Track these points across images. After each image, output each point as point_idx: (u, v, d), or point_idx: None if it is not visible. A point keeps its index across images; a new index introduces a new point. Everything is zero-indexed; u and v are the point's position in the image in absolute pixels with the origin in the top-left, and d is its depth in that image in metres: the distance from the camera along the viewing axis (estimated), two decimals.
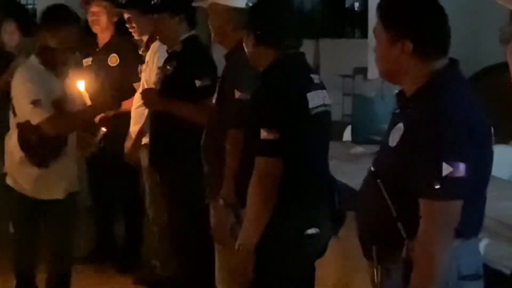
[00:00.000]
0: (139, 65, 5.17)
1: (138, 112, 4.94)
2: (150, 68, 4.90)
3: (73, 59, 4.33)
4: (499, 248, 2.86)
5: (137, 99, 4.96)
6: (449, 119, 2.30)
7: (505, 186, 3.59)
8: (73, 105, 4.15)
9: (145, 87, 4.95)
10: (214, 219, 3.68)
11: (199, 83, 4.18)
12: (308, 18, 14.62)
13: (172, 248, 4.57)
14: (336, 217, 3.28)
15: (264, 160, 3.01)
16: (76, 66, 4.86)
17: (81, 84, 4.13)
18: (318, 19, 14.81)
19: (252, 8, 3.41)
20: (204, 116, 3.96)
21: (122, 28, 5.28)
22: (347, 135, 5.56)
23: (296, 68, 3.22)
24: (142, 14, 5.02)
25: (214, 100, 3.75)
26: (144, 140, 4.89)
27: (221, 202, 3.49)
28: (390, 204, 2.41)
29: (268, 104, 3.06)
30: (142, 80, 5.03)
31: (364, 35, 12.69)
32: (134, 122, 5.01)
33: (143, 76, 5.04)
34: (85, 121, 4.27)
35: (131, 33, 5.17)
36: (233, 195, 3.37)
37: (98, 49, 5.46)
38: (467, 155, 2.27)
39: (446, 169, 2.24)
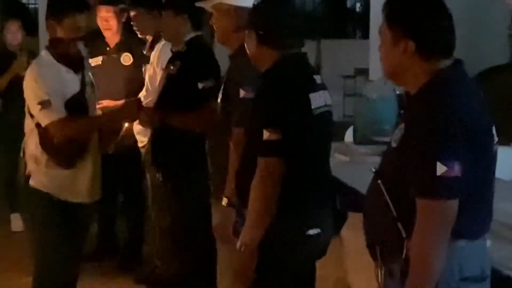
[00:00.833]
0: (143, 64, 5.19)
1: None
2: (154, 68, 4.91)
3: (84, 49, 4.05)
4: (501, 249, 2.87)
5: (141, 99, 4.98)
6: (445, 119, 2.30)
7: (506, 188, 3.59)
8: (94, 100, 4.04)
9: (148, 87, 4.96)
10: (217, 218, 3.68)
11: (201, 85, 4.17)
12: (310, 18, 14.63)
13: (174, 247, 4.57)
14: (337, 217, 3.29)
15: (267, 160, 3.02)
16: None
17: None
18: (319, 20, 14.81)
19: (254, 8, 3.40)
20: (203, 123, 3.97)
21: (130, 26, 5.29)
22: (349, 136, 5.56)
23: (299, 68, 3.23)
24: (146, 13, 5.03)
25: (219, 99, 3.75)
26: (143, 141, 4.90)
27: (224, 201, 3.50)
28: (390, 204, 2.42)
29: (271, 104, 3.06)
30: (146, 80, 5.05)
31: (365, 35, 12.69)
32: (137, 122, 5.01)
33: (146, 76, 5.05)
34: (101, 128, 4.04)
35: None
36: (236, 195, 3.38)
37: (108, 48, 5.46)
38: (463, 155, 2.27)
39: (441, 168, 2.24)
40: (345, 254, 3.98)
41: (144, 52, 5.16)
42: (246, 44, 3.29)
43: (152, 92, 4.83)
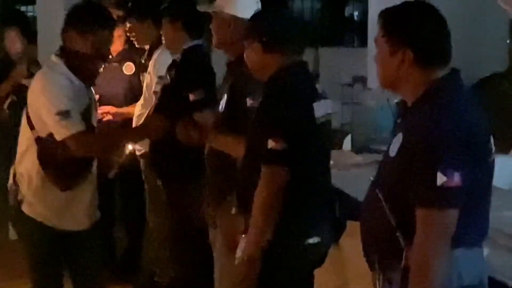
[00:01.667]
0: (141, 73, 5.19)
1: (140, 120, 4.95)
2: (150, 76, 4.91)
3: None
4: (500, 258, 2.87)
5: (139, 107, 4.98)
6: (444, 128, 2.30)
7: (505, 196, 3.59)
8: (95, 118, 3.73)
9: (146, 95, 4.96)
10: (221, 227, 3.66)
11: (192, 97, 4.14)
12: (308, 26, 14.64)
13: (172, 255, 4.57)
14: (337, 225, 3.29)
15: (272, 169, 3.01)
16: None
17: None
18: (317, 28, 14.82)
19: (255, 16, 3.40)
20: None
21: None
22: (347, 144, 5.57)
23: (302, 77, 3.23)
24: (139, 23, 5.02)
25: (221, 108, 3.72)
26: (140, 149, 4.90)
27: (233, 211, 3.48)
28: (388, 213, 2.42)
29: (276, 113, 3.04)
30: (144, 89, 5.05)
31: (363, 44, 12.69)
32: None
33: (144, 84, 5.05)
34: (121, 143, 3.85)
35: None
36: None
37: (111, 56, 5.43)
38: (463, 164, 2.27)
39: (441, 178, 2.24)
40: (344, 262, 3.97)
41: (142, 61, 5.16)
42: (246, 55, 3.28)
43: (149, 100, 4.83)
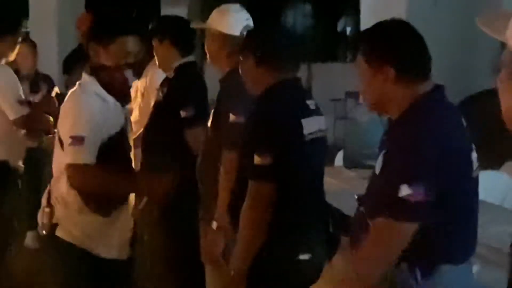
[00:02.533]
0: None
1: (137, 127, 4.95)
2: (146, 93, 4.93)
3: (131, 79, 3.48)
4: (490, 274, 2.87)
5: (135, 116, 5.01)
6: (417, 143, 2.32)
7: (496, 211, 3.60)
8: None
9: (142, 111, 4.98)
10: (206, 241, 3.68)
11: (183, 114, 4.16)
12: (300, 42, 14.69)
13: (165, 271, 4.56)
14: (330, 242, 3.28)
15: (258, 185, 3.02)
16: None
17: None
18: (310, 43, 14.86)
19: (250, 32, 3.45)
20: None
21: None
22: (339, 160, 5.57)
23: (293, 93, 3.23)
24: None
25: (209, 123, 3.76)
26: None
27: (214, 225, 3.50)
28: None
29: (262, 129, 3.06)
30: (138, 99, 5.08)
31: (356, 59, 12.72)
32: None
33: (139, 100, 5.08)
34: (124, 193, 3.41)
35: None
36: (226, 218, 3.38)
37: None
38: (433, 181, 2.26)
39: (405, 191, 2.23)
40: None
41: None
42: (240, 69, 3.30)
43: (144, 116, 4.84)
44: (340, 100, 11.94)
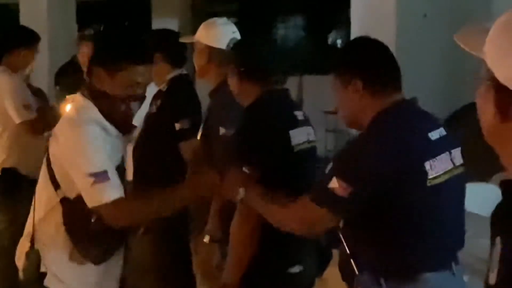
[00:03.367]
0: None
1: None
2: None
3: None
4: (479, 284, 2.88)
5: None
6: (362, 150, 2.41)
7: (484, 223, 3.61)
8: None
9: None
10: (199, 255, 3.68)
11: (178, 126, 4.18)
12: (291, 55, 14.71)
13: (155, 284, 4.56)
14: (322, 255, 3.29)
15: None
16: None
17: None
18: (301, 56, 14.90)
19: (235, 45, 3.46)
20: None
21: None
22: None
23: (279, 105, 3.24)
24: None
25: (199, 136, 3.78)
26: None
27: (206, 239, 3.50)
28: (343, 242, 2.52)
29: (248, 142, 3.07)
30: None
31: None
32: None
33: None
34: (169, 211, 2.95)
35: None
36: (219, 231, 3.38)
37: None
38: (361, 184, 2.36)
39: (334, 183, 2.36)
40: None
41: None
42: (229, 81, 3.32)
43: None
44: (331, 112, 11.96)
